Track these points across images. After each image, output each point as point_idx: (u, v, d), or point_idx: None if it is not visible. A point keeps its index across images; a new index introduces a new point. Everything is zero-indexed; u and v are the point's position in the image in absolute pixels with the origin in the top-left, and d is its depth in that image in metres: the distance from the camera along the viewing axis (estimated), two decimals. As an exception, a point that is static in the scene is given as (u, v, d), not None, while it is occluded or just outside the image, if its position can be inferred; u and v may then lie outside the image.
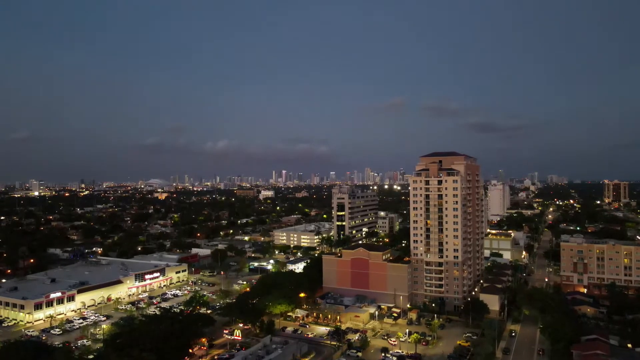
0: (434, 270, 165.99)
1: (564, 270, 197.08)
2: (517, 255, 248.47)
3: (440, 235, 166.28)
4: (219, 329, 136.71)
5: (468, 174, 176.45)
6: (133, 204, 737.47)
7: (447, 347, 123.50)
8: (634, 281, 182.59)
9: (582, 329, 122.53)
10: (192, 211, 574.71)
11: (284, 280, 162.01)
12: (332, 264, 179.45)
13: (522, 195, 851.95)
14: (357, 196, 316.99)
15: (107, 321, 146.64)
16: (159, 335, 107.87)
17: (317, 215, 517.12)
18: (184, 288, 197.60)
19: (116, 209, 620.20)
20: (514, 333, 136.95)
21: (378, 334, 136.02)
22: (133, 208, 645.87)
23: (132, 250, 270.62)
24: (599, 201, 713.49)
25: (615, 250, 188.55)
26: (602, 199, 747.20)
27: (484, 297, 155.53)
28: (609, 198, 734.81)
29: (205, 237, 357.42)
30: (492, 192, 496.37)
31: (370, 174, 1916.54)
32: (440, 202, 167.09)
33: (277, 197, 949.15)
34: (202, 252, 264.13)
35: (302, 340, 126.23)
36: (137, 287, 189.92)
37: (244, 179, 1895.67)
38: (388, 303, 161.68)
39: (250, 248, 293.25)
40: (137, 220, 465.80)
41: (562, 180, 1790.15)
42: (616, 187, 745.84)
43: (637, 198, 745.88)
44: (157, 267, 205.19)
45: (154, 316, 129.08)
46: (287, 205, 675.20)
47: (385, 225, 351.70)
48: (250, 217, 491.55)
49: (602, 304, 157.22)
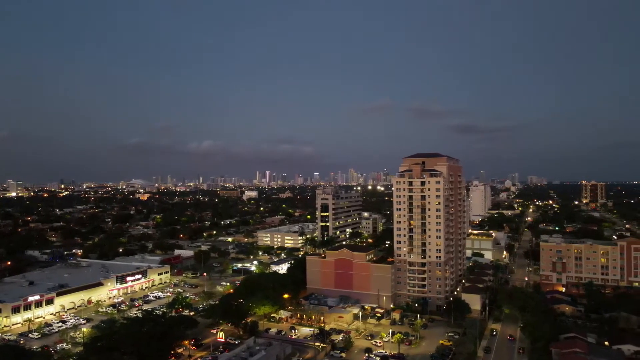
0: (417, 271, 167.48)
1: (543, 270, 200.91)
2: (498, 255, 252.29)
3: (423, 236, 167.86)
4: (202, 331, 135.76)
5: (450, 175, 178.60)
6: (114, 204, 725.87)
7: (430, 347, 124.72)
8: (611, 280, 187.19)
9: (560, 327, 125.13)
10: (175, 212, 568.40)
11: (267, 281, 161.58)
12: (316, 264, 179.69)
13: (503, 196, 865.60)
14: (341, 197, 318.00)
15: (87, 324, 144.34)
16: (140, 338, 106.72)
17: (301, 215, 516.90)
18: (167, 290, 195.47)
19: (97, 210, 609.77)
20: (495, 332, 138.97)
21: (362, 334, 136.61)
22: (114, 209, 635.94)
23: (113, 251, 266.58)
24: (577, 202, 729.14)
25: (593, 249, 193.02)
26: (580, 199, 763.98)
27: (466, 296, 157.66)
28: (586, 199, 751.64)
29: (188, 238, 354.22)
30: (474, 192, 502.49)
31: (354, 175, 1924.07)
32: (423, 203, 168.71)
33: (260, 197, 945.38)
34: (185, 254, 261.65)
35: (286, 342, 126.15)
36: (119, 289, 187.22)
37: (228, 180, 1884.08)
38: (372, 303, 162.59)
39: (233, 249, 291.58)
40: (118, 221, 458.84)
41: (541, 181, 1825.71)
42: (593, 188, 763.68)
43: (614, 198, 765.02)
44: (139, 269, 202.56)
45: (135, 319, 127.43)
46: (270, 206, 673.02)
47: (369, 225, 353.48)
48: (234, 218, 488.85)
49: (580, 303, 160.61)
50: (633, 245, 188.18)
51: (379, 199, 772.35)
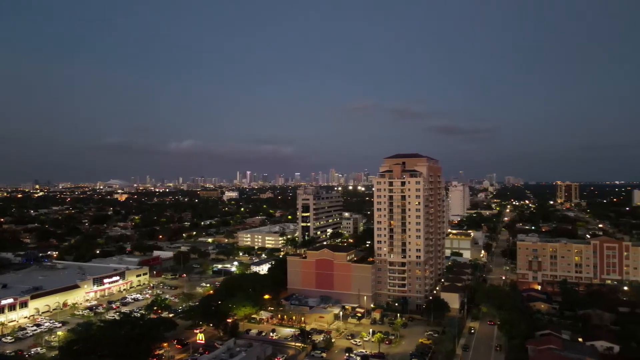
0: (397, 270, 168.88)
1: (519, 269, 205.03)
2: (476, 254, 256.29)
3: (403, 236, 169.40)
4: (182, 332, 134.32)
5: (430, 175, 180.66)
6: (91, 205, 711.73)
7: (410, 346, 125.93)
8: (584, 278, 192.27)
9: (536, 324, 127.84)
10: (154, 213, 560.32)
11: (248, 282, 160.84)
12: (297, 265, 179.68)
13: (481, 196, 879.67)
14: (321, 197, 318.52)
15: (62, 328, 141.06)
16: (118, 341, 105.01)
17: (282, 216, 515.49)
18: (145, 292, 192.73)
19: (73, 211, 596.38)
20: (473, 330, 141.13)
21: (342, 334, 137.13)
22: (91, 210, 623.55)
23: (90, 253, 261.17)
24: (552, 201, 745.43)
25: (567, 248, 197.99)
26: (555, 199, 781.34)
27: (445, 295, 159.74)
28: (561, 199, 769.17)
29: (167, 239, 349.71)
30: (453, 192, 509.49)
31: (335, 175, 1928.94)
32: (404, 203, 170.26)
33: (241, 198, 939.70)
34: (164, 255, 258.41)
35: (267, 343, 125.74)
36: (95, 291, 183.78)
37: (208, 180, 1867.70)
38: (352, 303, 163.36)
39: (213, 250, 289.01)
40: (95, 223, 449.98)
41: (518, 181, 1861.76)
42: (568, 188, 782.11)
43: (587, 198, 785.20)
44: (117, 271, 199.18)
45: (113, 321, 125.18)
46: (251, 207, 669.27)
47: (350, 226, 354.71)
48: (214, 219, 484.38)
49: (555, 300, 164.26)
50: (605, 244, 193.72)
51: (360, 199, 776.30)
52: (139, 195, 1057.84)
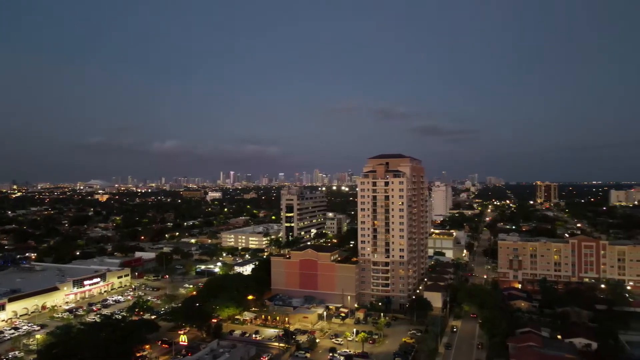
0: (381, 270, 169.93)
1: (501, 267, 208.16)
2: (458, 253, 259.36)
3: (386, 236, 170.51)
4: (164, 334, 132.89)
5: (413, 176, 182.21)
6: (71, 206, 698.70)
7: (393, 345, 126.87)
8: (563, 276, 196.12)
9: (516, 322, 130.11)
10: (136, 213, 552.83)
11: (231, 282, 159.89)
12: (281, 265, 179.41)
13: (464, 196, 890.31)
14: (305, 197, 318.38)
15: (41, 331, 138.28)
16: (99, 344, 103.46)
17: (266, 216, 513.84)
18: (127, 293, 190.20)
19: (52, 212, 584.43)
20: (456, 329, 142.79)
21: (326, 334, 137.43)
22: (71, 210, 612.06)
23: (69, 255, 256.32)
24: (532, 201, 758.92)
25: (547, 247, 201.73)
26: (535, 199, 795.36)
27: (428, 294, 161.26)
28: (541, 198, 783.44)
29: (149, 240, 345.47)
30: (436, 193, 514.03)
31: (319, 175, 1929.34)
32: (387, 203, 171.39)
33: (224, 198, 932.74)
34: (146, 256, 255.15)
35: (250, 343, 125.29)
36: (76, 293, 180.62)
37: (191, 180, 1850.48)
38: (336, 303, 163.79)
39: (197, 251, 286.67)
40: (75, 223, 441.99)
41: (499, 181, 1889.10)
42: (547, 188, 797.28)
43: (566, 198, 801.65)
44: (98, 272, 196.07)
45: (93, 324, 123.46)
46: (235, 207, 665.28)
47: (334, 226, 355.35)
48: (197, 219, 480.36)
49: (534, 299, 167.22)
50: (583, 243, 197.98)
51: (344, 199, 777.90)
52: (120, 196, 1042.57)
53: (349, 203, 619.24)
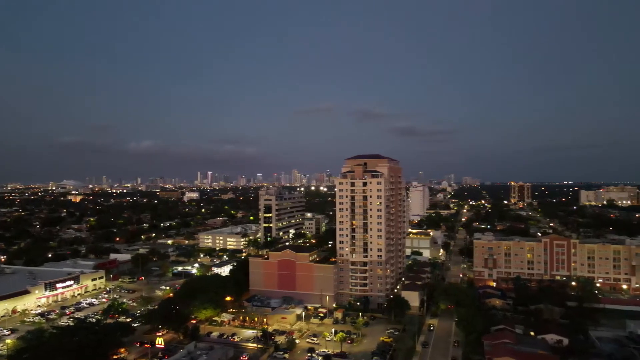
0: (359, 270, 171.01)
1: (476, 266, 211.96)
2: (435, 253, 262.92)
3: (365, 236, 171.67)
4: (140, 337, 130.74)
5: (391, 176, 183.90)
6: (43, 207, 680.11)
7: (371, 344, 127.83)
8: (536, 274, 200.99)
9: (491, 320, 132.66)
10: (111, 214, 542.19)
11: (209, 284, 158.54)
12: (259, 266, 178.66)
13: (440, 196, 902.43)
14: (284, 198, 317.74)
15: (12, 335, 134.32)
16: (72, 348, 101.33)
17: (244, 217, 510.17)
18: (101, 296, 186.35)
19: (23, 213, 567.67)
20: (433, 327, 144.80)
21: (305, 334, 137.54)
22: (43, 211, 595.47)
23: (41, 257, 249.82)
24: (507, 201, 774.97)
25: (520, 246, 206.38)
26: (509, 199, 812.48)
27: (405, 294, 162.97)
28: (514, 198, 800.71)
29: (125, 242, 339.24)
30: (413, 193, 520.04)
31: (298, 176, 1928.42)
32: (365, 203, 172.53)
33: (202, 199, 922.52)
34: (121, 258, 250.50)
35: (228, 345, 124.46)
36: (48, 297, 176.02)
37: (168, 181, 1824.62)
38: (315, 303, 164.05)
39: (173, 252, 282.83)
40: (47, 225, 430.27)
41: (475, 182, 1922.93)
42: (521, 189, 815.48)
43: (538, 198, 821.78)
44: (71, 275, 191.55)
45: (66, 327, 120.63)
46: (212, 208, 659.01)
47: (312, 226, 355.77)
48: (174, 220, 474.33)
49: (509, 296, 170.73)
50: (555, 242, 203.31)
51: (322, 199, 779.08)
52: (94, 197, 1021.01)
53: (328, 203, 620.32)
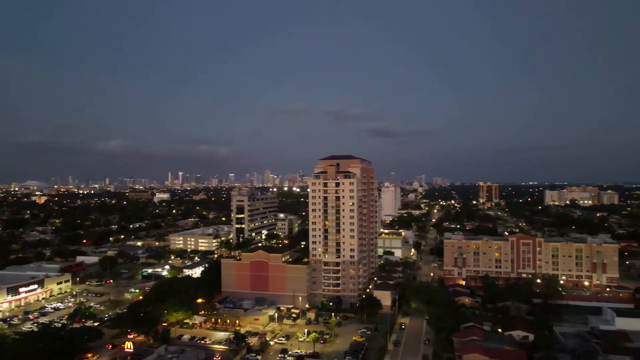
0: (332, 270, 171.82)
1: (446, 265, 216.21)
2: (407, 252, 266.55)
3: (337, 236, 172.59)
4: (108, 342, 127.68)
5: (364, 177, 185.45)
6: (5, 208, 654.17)
7: (344, 344, 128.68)
8: (503, 272, 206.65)
9: (461, 318, 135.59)
10: (77, 216, 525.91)
11: (180, 286, 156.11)
12: (231, 267, 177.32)
13: (412, 197, 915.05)
14: (256, 198, 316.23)
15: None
16: (36, 354, 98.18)
17: (216, 218, 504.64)
18: (68, 300, 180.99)
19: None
20: (404, 326, 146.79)
21: (277, 335, 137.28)
22: (5, 213, 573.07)
23: (3, 260, 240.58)
24: (475, 201, 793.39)
25: (488, 245, 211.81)
26: (478, 199, 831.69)
27: (378, 293, 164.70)
28: (483, 198, 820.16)
29: (92, 244, 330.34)
30: (385, 193, 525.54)
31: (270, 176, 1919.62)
32: (338, 204, 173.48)
33: (173, 199, 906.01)
34: (88, 260, 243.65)
35: (200, 348, 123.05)
36: (10, 301, 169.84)
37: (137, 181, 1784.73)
38: (287, 304, 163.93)
39: (143, 254, 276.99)
40: (9, 227, 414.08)
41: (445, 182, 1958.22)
42: (489, 189, 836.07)
43: (506, 198, 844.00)
44: (35, 279, 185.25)
45: (30, 333, 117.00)
46: (184, 209, 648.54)
47: (285, 227, 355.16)
48: (144, 221, 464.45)
49: (477, 294, 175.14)
50: (521, 241, 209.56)
51: (295, 200, 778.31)
52: (60, 198, 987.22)
53: (300, 204, 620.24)
